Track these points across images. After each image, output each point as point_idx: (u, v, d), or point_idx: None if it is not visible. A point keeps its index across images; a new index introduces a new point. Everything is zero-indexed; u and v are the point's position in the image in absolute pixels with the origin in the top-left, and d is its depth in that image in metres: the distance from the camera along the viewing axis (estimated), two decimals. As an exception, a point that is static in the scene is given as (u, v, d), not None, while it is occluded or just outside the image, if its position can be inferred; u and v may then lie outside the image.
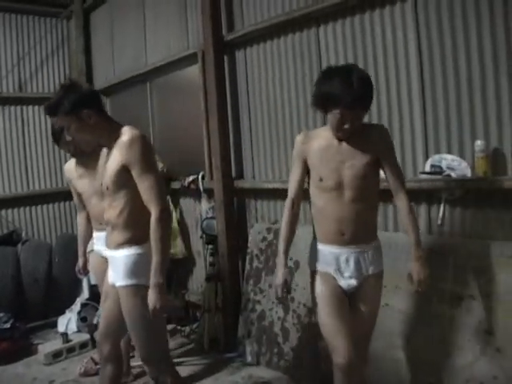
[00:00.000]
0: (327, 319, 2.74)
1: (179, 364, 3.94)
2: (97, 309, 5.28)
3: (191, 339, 4.71)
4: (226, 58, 4.53)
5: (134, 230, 2.75)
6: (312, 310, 3.77)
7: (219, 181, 4.38)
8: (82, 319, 5.15)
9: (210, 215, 4.60)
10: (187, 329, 4.77)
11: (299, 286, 3.93)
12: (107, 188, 2.76)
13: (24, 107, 6.54)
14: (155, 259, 2.62)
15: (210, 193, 4.66)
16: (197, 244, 4.74)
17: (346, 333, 2.65)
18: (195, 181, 4.67)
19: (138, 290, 2.72)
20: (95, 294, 5.53)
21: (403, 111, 3.37)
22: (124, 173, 2.68)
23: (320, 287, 2.77)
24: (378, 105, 3.47)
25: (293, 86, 4.08)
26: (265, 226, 4.28)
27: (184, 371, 3.97)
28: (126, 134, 2.68)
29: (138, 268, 2.73)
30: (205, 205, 4.69)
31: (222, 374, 4.10)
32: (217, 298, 4.52)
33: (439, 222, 3.22)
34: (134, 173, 2.66)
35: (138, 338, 2.83)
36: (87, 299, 5.43)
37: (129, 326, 2.82)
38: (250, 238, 4.36)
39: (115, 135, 2.70)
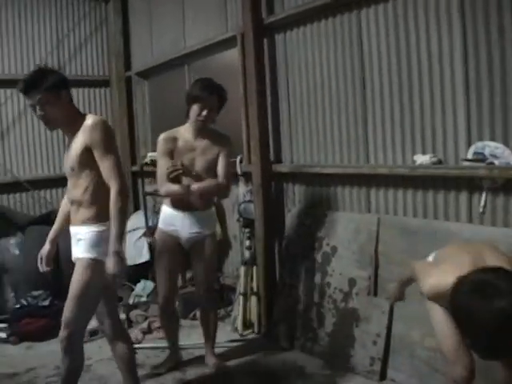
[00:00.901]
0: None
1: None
2: (132, 289, 5.38)
3: (225, 322, 4.74)
4: (265, 41, 4.50)
5: (97, 208, 2.95)
6: (348, 295, 3.80)
7: (257, 164, 4.38)
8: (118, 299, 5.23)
9: (247, 199, 4.60)
10: (222, 311, 4.78)
11: (335, 271, 3.93)
12: (72, 169, 2.95)
13: (63, 89, 6.62)
14: (114, 229, 2.83)
15: (247, 176, 4.66)
16: (233, 227, 4.75)
17: None
18: (233, 164, 4.66)
19: (94, 264, 2.92)
20: (131, 274, 5.65)
21: (446, 97, 3.30)
22: (87, 154, 2.88)
23: None
24: (420, 89, 3.42)
25: (333, 71, 4.03)
26: (302, 211, 4.27)
27: (218, 353, 4.02)
28: (90, 118, 2.91)
29: (97, 243, 2.94)
30: (242, 188, 4.70)
31: (256, 357, 4.12)
32: (252, 282, 4.56)
33: (480, 210, 3.17)
34: (96, 153, 2.88)
35: (73, 305, 2.96)
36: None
37: (71, 293, 2.98)
38: (287, 223, 4.36)
39: (81, 120, 2.90)
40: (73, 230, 3.06)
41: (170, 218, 3.70)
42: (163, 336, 4.56)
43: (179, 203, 3.63)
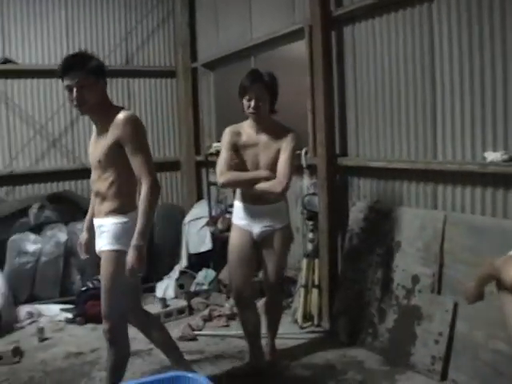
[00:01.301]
0: None
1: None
2: (194, 277, 5.48)
3: (285, 313, 4.74)
4: (333, 33, 4.47)
5: (121, 200, 3.01)
6: (411, 292, 3.76)
7: (323, 157, 4.36)
8: (180, 286, 5.36)
9: (311, 191, 4.59)
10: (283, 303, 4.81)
11: (398, 267, 3.89)
12: (99, 161, 2.99)
13: (130, 80, 6.80)
14: (141, 223, 2.89)
15: (312, 169, 4.64)
16: (296, 220, 4.75)
17: None
18: (298, 156, 4.66)
19: (119, 256, 2.97)
20: (193, 262, 5.76)
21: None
22: (116, 148, 2.93)
23: None
24: (493, 83, 3.32)
25: (402, 64, 3.96)
26: (367, 205, 4.24)
27: (277, 344, 4.01)
28: (123, 113, 2.95)
29: (122, 235, 2.99)
30: (307, 181, 4.68)
31: (315, 350, 4.12)
32: (314, 275, 4.56)
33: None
34: (128, 149, 2.93)
35: (108, 299, 3.06)
36: (185, 267, 5.63)
37: (102, 287, 3.09)
38: (350, 216, 4.34)
39: (112, 112, 2.96)
40: (96, 222, 3.13)
41: (242, 212, 3.66)
42: (224, 324, 4.68)
43: (249, 197, 3.60)
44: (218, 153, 5.57)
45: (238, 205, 3.71)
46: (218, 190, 6.02)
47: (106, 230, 3.02)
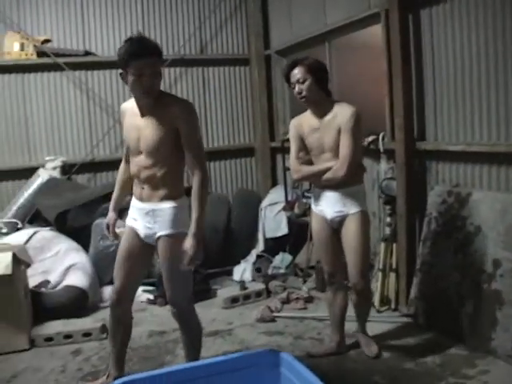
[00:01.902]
0: None
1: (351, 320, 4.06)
2: (271, 261, 5.58)
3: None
4: (410, 17, 4.42)
5: (176, 186, 3.08)
6: (492, 276, 3.72)
7: (401, 142, 4.34)
8: (257, 270, 5.48)
9: (388, 176, 4.60)
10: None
11: (478, 252, 3.85)
12: (157, 147, 2.97)
13: (205, 68, 6.95)
14: (197, 213, 2.94)
15: (389, 153, 4.64)
16: (372, 204, 4.76)
17: None
18: (375, 141, 4.68)
19: (175, 239, 3.03)
20: (269, 246, 5.86)
21: None
22: (174, 136, 2.96)
23: None
24: None
25: (482, 48, 3.88)
26: (445, 189, 4.20)
27: (351, 327, 4.05)
28: (183, 103, 3.02)
29: (179, 218, 3.06)
30: (384, 165, 4.69)
31: (393, 333, 4.15)
32: (392, 259, 4.57)
33: None
34: (185, 139, 2.97)
35: (176, 282, 3.15)
36: (262, 251, 5.75)
37: (165, 272, 3.15)
38: (429, 201, 4.30)
39: (165, 99, 2.99)
40: (146, 206, 3.09)
41: (317, 197, 3.65)
42: (302, 307, 4.77)
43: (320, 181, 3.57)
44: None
45: (315, 189, 3.74)
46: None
47: (162, 215, 3.04)
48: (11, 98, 6.20)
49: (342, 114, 3.40)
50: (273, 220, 5.90)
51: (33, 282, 4.70)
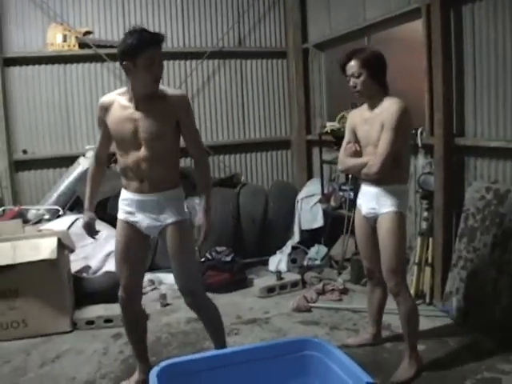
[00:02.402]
0: None
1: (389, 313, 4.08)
2: (306, 252, 5.66)
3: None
4: (451, 12, 4.41)
5: (176, 174, 3.19)
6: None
7: (440, 137, 4.36)
8: (293, 261, 5.56)
9: (426, 171, 4.62)
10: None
11: (518, 247, 3.86)
12: (157, 138, 3.02)
13: (243, 61, 7.03)
14: (208, 191, 3.18)
15: (427, 148, 4.66)
16: (409, 199, 4.78)
17: None
18: (413, 136, 4.68)
19: (188, 223, 3.19)
20: (305, 238, 5.94)
21: None
22: (173, 126, 3.06)
23: None
24: None
25: (525, 44, 3.90)
26: (484, 185, 4.21)
27: (389, 320, 4.12)
28: (180, 92, 3.23)
29: (183, 205, 3.18)
30: (422, 160, 4.71)
31: (426, 326, 4.12)
32: (427, 253, 4.59)
33: None
34: (185, 126, 3.09)
35: (189, 268, 3.20)
36: (298, 243, 5.83)
37: (184, 256, 3.16)
38: (466, 196, 4.32)
39: (161, 90, 3.05)
40: (151, 197, 3.10)
41: (360, 192, 3.64)
42: (337, 298, 4.83)
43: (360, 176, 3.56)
44: (332, 132, 5.74)
45: (360, 184, 3.67)
46: (330, 169, 6.14)
47: (168, 204, 3.10)
48: (53, 88, 6.38)
49: (387, 109, 3.31)
50: (309, 212, 5.96)
51: (74, 267, 4.85)
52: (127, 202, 3.18)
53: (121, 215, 3.24)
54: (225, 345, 3.36)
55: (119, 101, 3.09)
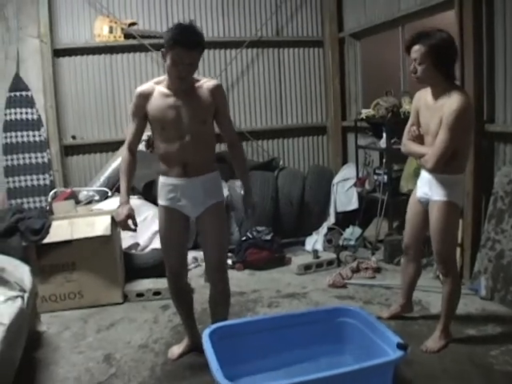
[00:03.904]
0: None
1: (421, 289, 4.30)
2: (341, 233, 5.89)
3: (427, 270, 4.95)
4: (483, 2, 4.52)
5: (213, 158, 3.37)
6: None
7: (471, 124, 4.52)
8: (328, 241, 5.80)
9: (457, 156, 4.77)
10: (424, 260, 5.05)
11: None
12: (200, 124, 3.17)
13: (281, 50, 7.23)
14: (248, 174, 3.57)
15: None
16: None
17: None
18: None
19: (224, 204, 3.48)
20: (340, 220, 6.18)
21: None
22: (212, 111, 3.21)
23: None
24: None
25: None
26: (512, 170, 4.40)
27: (420, 295, 4.36)
28: (215, 82, 3.26)
29: (221, 187, 3.41)
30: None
31: None
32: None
33: None
34: (222, 113, 3.26)
35: (224, 246, 3.46)
36: (333, 224, 6.06)
37: (222, 234, 3.39)
38: (495, 180, 4.48)
39: (196, 81, 3.20)
40: (196, 180, 3.23)
41: (420, 174, 3.67)
42: (371, 276, 5.05)
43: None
44: (367, 118, 5.94)
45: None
46: (365, 153, 6.33)
47: (211, 185, 3.29)
48: (100, 77, 6.69)
49: (449, 106, 3.18)
50: (344, 195, 6.19)
51: (125, 244, 5.17)
52: (170, 188, 3.28)
53: (163, 202, 3.36)
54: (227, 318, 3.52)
55: (159, 89, 3.18)
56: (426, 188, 3.53)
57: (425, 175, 3.55)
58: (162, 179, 3.35)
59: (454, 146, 3.24)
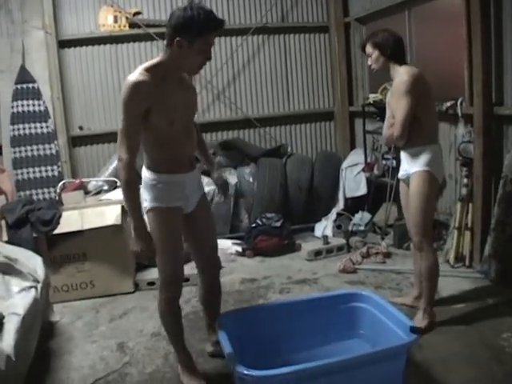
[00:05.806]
0: None
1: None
2: (350, 219, 5.91)
3: (437, 254, 4.99)
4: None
5: None
6: None
7: (479, 107, 4.49)
8: (338, 227, 5.82)
9: (466, 139, 4.77)
10: (434, 245, 5.06)
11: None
12: (194, 112, 3.10)
13: (286, 36, 7.18)
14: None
15: (467, 118, 4.80)
16: (449, 166, 4.97)
17: None
18: (453, 106, 4.86)
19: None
20: (349, 205, 6.19)
21: None
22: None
23: None
24: None
25: None
26: (522, 153, 4.37)
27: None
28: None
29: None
30: (461, 129, 4.87)
31: (466, 286, 4.35)
32: (467, 218, 4.77)
33: None
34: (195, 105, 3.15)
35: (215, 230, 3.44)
36: (342, 210, 6.08)
37: (214, 225, 3.41)
38: (505, 163, 4.44)
39: None
40: (196, 173, 3.15)
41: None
42: (381, 261, 5.08)
43: None
44: (375, 103, 5.93)
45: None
46: (373, 138, 6.33)
47: (199, 175, 3.27)
48: (106, 67, 6.67)
49: (397, 80, 3.55)
50: (353, 180, 6.18)
51: (134, 233, 5.19)
52: (180, 187, 2.98)
53: (171, 203, 2.95)
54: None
55: (156, 79, 2.72)
56: (405, 166, 3.68)
57: (402, 155, 3.71)
58: (168, 179, 2.94)
59: (412, 111, 3.45)
